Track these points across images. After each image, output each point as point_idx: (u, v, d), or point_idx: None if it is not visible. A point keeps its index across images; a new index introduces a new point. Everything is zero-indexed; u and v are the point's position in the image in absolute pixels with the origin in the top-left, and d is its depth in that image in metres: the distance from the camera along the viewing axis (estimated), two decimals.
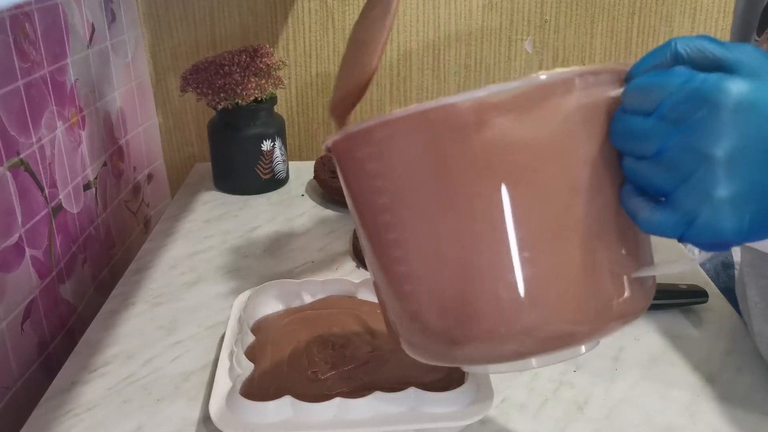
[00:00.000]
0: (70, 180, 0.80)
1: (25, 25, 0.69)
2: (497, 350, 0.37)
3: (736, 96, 0.32)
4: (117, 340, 0.66)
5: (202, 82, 0.92)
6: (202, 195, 1.00)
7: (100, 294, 0.85)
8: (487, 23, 1.10)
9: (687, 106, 0.33)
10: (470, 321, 0.36)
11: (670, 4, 1.08)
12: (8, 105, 0.65)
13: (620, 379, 0.59)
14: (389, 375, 0.55)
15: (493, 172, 0.35)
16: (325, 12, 1.09)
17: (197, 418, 0.56)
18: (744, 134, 0.32)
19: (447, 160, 0.35)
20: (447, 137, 0.35)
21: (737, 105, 0.32)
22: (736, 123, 0.32)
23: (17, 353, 0.66)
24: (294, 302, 0.65)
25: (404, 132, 0.36)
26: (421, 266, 0.38)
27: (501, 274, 0.35)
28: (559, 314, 0.36)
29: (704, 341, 0.65)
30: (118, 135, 0.97)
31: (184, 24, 1.10)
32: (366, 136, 0.38)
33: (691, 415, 0.55)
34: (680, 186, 0.34)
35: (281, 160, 1.00)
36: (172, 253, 0.83)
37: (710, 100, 0.32)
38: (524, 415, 0.55)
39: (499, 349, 0.37)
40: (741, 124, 0.32)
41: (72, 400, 0.58)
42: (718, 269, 0.84)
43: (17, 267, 0.66)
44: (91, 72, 0.87)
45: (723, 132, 0.32)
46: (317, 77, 1.13)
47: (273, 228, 0.90)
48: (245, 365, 0.55)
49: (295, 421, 0.50)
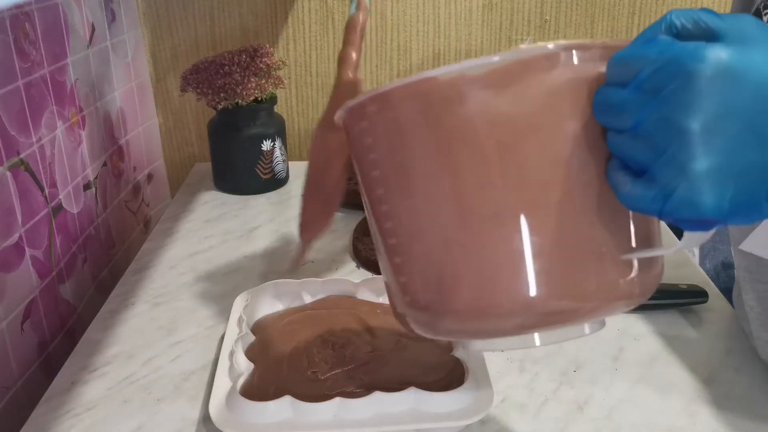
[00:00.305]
0: (70, 180, 0.80)
1: (25, 24, 0.69)
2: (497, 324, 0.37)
3: (714, 63, 0.31)
4: (117, 340, 0.67)
5: (202, 82, 0.92)
6: (202, 195, 1.00)
7: (100, 294, 0.85)
8: (487, 23, 1.10)
9: (662, 75, 0.32)
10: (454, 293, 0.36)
11: (670, 4, 1.08)
12: (8, 105, 0.65)
13: (620, 379, 0.59)
14: (389, 375, 0.55)
15: (477, 145, 0.35)
16: (325, 12, 1.09)
17: (197, 418, 0.56)
18: (721, 104, 0.31)
19: (429, 133, 0.35)
20: (429, 110, 0.35)
21: (714, 73, 0.31)
22: (713, 92, 0.31)
23: (17, 353, 0.66)
24: (294, 302, 0.65)
25: (391, 105, 0.36)
26: (409, 239, 0.38)
27: (486, 247, 0.35)
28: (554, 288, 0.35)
29: (704, 341, 0.65)
30: (118, 135, 0.97)
31: (184, 24, 1.10)
32: (360, 110, 0.39)
33: (691, 415, 0.55)
34: (657, 159, 0.32)
35: (281, 160, 1.00)
36: (172, 253, 0.83)
37: (685, 69, 0.31)
38: (524, 415, 0.55)
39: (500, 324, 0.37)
40: (718, 93, 0.31)
41: (72, 400, 0.58)
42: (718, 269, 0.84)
43: (17, 267, 0.66)
44: (91, 72, 0.87)
45: (698, 102, 0.31)
46: (317, 77, 1.13)
47: (273, 228, 0.90)
48: (245, 365, 0.56)
49: (295, 421, 0.50)
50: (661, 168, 0.32)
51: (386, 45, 1.11)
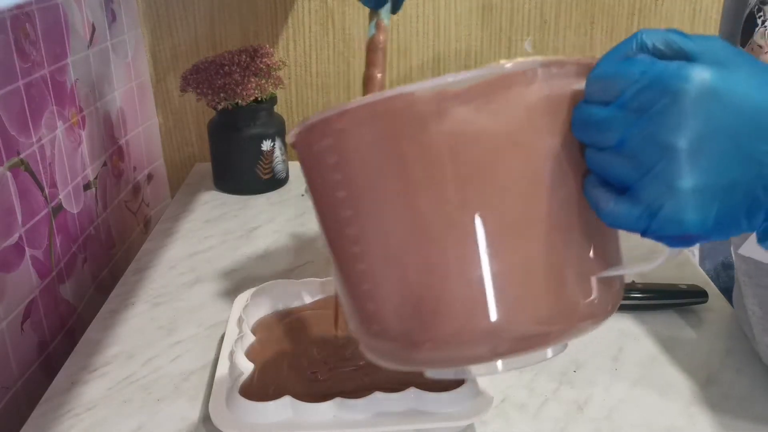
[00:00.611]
0: (70, 180, 0.80)
1: (25, 25, 0.69)
2: (462, 352, 0.36)
3: (699, 83, 0.31)
4: (117, 340, 0.67)
5: (202, 82, 0.92)
6: (202, 195, 1.00)
7: (100, 294, 0.85)
8: (487, 24, 1.10)
9: (648, 94, 0.32)
10: (432, 322, 0.35)
11: (670, 4, 1.08)
12: (8, 105, 0.65)
13: (620, 379, 0.59)
14: (389, 375, 0.55)
15: (453, 164, 0.33)
16: (325, 12, 1.09)
17: (197, 418, 0.56)
18: (707, 123, 0.31)
19: (405, 151, 0.34)
20: (405, 127, 0.34)
21: (699, 93, 0.31)
22: (699, 111, 0.31)
23: (17, 353, 0.66)
24: (294, 302, 0.65)
25: (362, 122, 0.34)
26: (380, 264, 0.36)
27: (463, 272, 0.34)
28: (525, 314, 0.34)
29: (704, 341, 0.65)
30: (118, 135, 0.97)
31: (184, 24, 1.10)
32: (324, 127, 0.36)
33: (691, 415, 0.55)
34: (643, 177, 0.32)
35: (281, 160, 1.00)
36: (172, 253, 0.83)
37: (672, 88, 0.31)
38: (524, 415, 0.55)
39: (464, 352, 0.36)
40: (704, 112, 0.31)
41: (72, 400, 0.58)
42: (718, 269, 0.84)
43: (17, 267, 0.66)
44: (91, 72, 0.87)
45: (685, 121, 0.31)
46: (317, 77, 1.13)
47: (273, 228, 0.90)
48: (245, 365, 0.55)
49: (295, 421, 0.50)
50: (647, 185, 0.32)
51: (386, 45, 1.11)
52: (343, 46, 1.11)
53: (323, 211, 0.39)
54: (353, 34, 1.10)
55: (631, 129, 0.32)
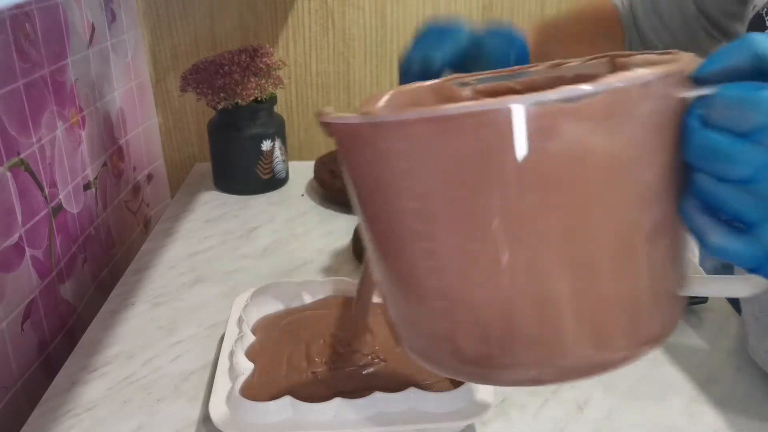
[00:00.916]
0: (70, 180, 0.80)
1: (25, 25, 0.69)
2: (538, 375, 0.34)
3: None
4: (117, 340, 0.67)
5: (202, 82, 0.92)
6: (202, 195, 1.00)
7: (100, 294, 0.85)
8: None
9: None
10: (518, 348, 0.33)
11: None
12: (8, 105, 0.65)
13: (620, 379, 0.59)
14: (389, 375, 0.55)
15: (560, 186, 0.30)
16: (325, 12, 1.09)
17: (197, 418, 0.56)
18: None
19: (506, 171, 0.30)
20: (507, 144, 0.30)
21: None
22: None
23: (17, 353, 0.66)
24: (294, 302, 0.65)
25: (453, 133, 0.30)
26: (463, 285, 0.33)
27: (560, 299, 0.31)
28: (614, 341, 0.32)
29: (704, 341, 0.65)
30: (118, 135, 0.97)
31: (184, 24, 1.10)
32: (401, 130, 0.31)
33: (691, 415, 0.55)
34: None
35: (281, 160, 1.00)
36: (172, 253, 0.83)
37: None
38: (524, 415, 0.55)
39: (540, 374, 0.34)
40: None
41: (72, 400, 0.58)
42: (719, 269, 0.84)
43: (17, 267, 0.66)
44: (91, 72, 0.87)
45: None
46: (317, 77, 1.13)
47: (273, 228, 0.90)
48: (245, 365, 0.55)
49: (295, 421, 0.50)
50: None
51: (386, 45, 1.11)
52: (343, 46, 1.11)
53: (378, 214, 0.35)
54: (353, 34, 1.11)
55: (766, 170, 0.29)
